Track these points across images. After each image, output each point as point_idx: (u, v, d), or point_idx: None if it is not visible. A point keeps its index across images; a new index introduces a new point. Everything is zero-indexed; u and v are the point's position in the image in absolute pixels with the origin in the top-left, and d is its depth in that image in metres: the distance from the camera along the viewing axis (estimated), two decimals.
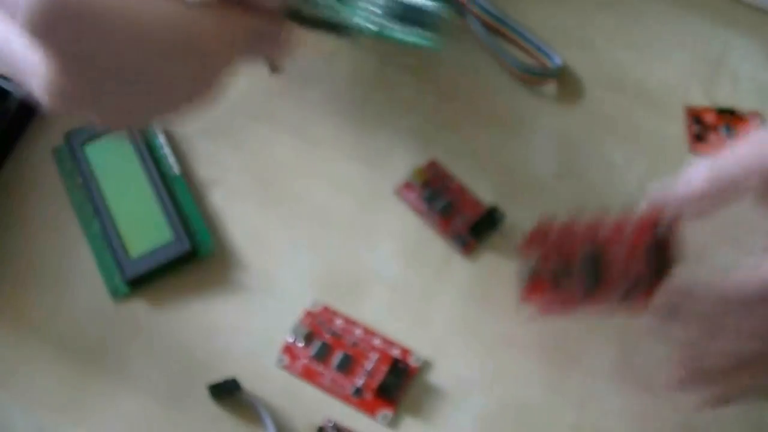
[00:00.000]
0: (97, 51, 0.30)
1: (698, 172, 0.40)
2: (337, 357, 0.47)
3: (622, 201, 0.50)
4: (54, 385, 0.46)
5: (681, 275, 0.41)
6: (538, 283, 0.45)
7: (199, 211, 0.50)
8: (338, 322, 0.47)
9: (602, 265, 0.42)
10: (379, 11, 0.33)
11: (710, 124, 0.53)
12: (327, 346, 0.47)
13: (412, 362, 0.47)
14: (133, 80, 0.32)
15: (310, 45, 0.48)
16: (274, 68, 0.45)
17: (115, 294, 0.48)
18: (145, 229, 0.49)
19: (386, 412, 0.45)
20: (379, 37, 0.34)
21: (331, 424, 0.45)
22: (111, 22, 0.29)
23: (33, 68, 0.31)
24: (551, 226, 0.44)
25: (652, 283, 0.42)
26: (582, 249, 0.43)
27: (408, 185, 0.51)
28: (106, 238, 0.49)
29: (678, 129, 0.53)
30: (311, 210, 0.51)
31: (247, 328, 0.48)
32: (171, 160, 0.51)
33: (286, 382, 0.46)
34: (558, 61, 0.54)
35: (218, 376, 0.46)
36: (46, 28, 0.29)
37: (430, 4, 0.32)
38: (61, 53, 0.30)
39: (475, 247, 0.49)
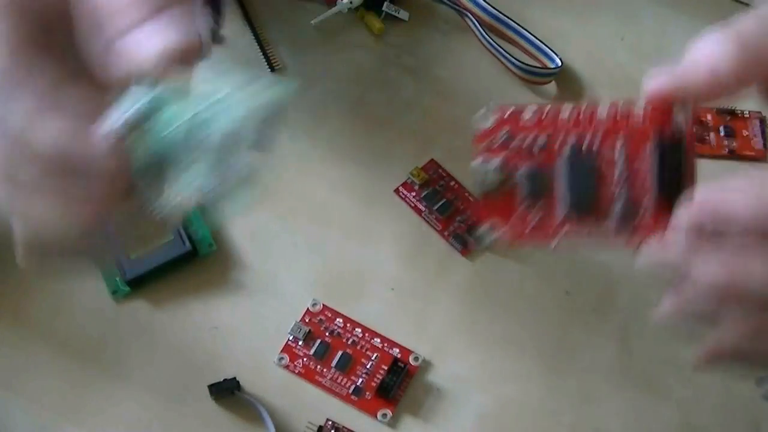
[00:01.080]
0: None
1: (717, 43, 0.33)
2: (336, 356, 0.47)
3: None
4: (54, 385, 0.46)
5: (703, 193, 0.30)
6: (501, 196, 0.33)
7: (199, 211, 0.50)
8: (338, 322, 0.47)
9: (592, 174, 0.32)
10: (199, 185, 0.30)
11: (710, 125, 0.53)
12: (327, 345, 0.47)
13: (412, 362, 0.47)
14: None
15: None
16: None
17: (115, 294, 0.48)
18: None
19: (386, 411, 0.46)
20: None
21: (330, 424, 0.45)
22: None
23: None
24: (520, 114, 0.32)
25: (661, 202, 0.31)
26: (563, 149, 0.32)
27: (407, 185, 0.51)
28: None
29: None
30: (311, 210, 0.51)
31: (247, 328, 0.48)
32: None
33: (286, 381, 0.46)
34: (558, 61, 0.54)
35: (218, 375, 0.46)
36: None
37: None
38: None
39: (474, 247, 0.49)
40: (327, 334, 0.47)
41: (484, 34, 0.54)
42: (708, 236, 0.30)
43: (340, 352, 0.47)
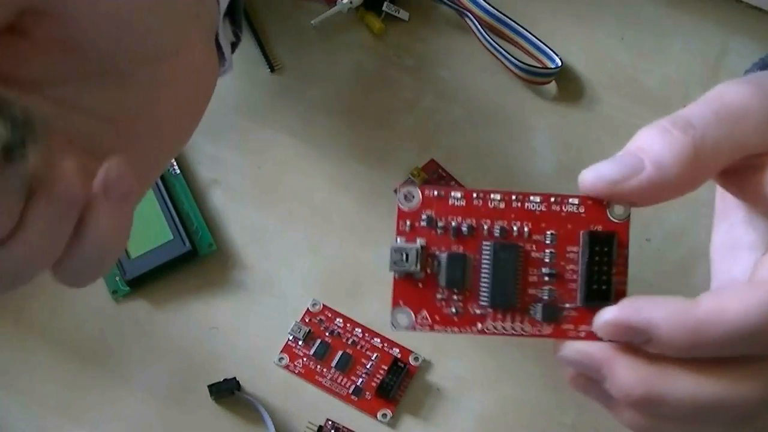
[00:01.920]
0: None
1: (665, 135, 0.29)
2: (336, 356, 0.47)
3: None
4: (54, 384, 0.46)
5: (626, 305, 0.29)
6: (420, 281, 0.31)
7: (199, 211, 0.50)
8: (338, 322, 0.47)
9: (516, 269, 0.31)
10: None
11: None
12: (327, 345, 0.47)
13: (412, 362, 0.47)
14: None
15: None
16: None
17: (115, 294, 0.48)
18: (146, 229, 0.49)
19: (386, 411, 0.46)
20: None
21: (330, 424, 0.45)
22: None
23: None
24: (446, 196, 0.31)
25: (586, 307, 0.30)
26: (489, 239, 0.30)
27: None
28: None
29: None
30: (311, 210, 0.51)
31: (247, 328, 0.48)
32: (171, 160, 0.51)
33: (286, 381, 0.46)
34: (558, 61, 0.54)
35: (218, 375, 0.46)
36: None
37: None
38: None
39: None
40: (327, 334, 0.47)
41: (484, 34, 0.54)
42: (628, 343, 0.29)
43: (340, 352, 0.47)
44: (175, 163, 0.51)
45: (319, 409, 0.46)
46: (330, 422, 0.45)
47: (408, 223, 0.31)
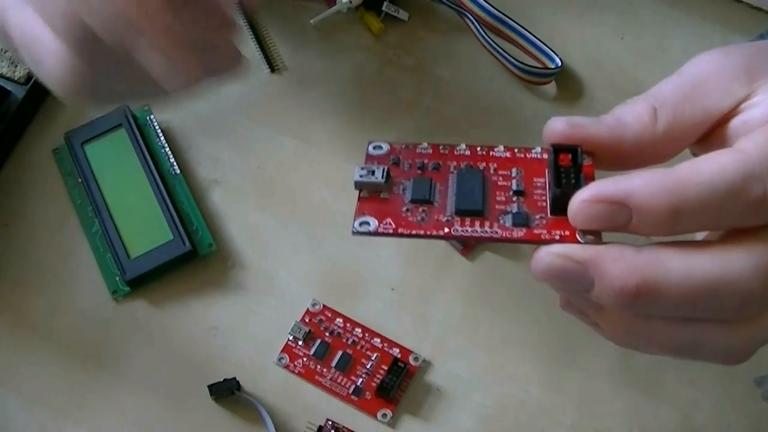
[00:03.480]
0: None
1: (630, 104, 0.31)
2: (336, 356, 0.47)
3: None
4: (54, 384, 0.46)
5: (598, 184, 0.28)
6: (385, 199, 0.31)
7: (199, 211, 0.50)
8: (338, 322, 0.47)
9: (484, 185, 0.30)
10: None
11: None
12: (327, 345, 0.47)
13: (412, 362, 0.47)
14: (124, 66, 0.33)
15: None
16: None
17: (115, 294, 0.48)
18: (145, 229, 0.49)
19: (386, 411, 0.46)
20: None
21: (330, 424, 0.45)
22: None
23: (52, 56, 0.33)
24: (414, 148, 0.31)
25: (555, 210, 0.29)
26: (456, 169, 0.31)
27: None
28: (106, 238, 0.49)
29: None
30: (311, 210, 0.51)
31: (247, 328, 0.48)
32: (171, 160, 0.51)
33: (286, 381, 0.46)
34: (558, 61, 0.54)
35: (218, 375, 0.46)
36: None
37: None
38: (84, 50, 0.33)
39: (474, 247, 0.49)
40: (327, 334, 0.47)
41: (484, 34, 0.54)
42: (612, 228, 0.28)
43: (340, 352, 0.47)
44: (175, 163, 0.51)
45: (319, 409, 0.46)
46: (330, 422, 0.45)
47: (375, 163, 0.31)
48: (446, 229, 0.29)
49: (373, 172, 0.30)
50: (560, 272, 0.28)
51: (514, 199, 0.30)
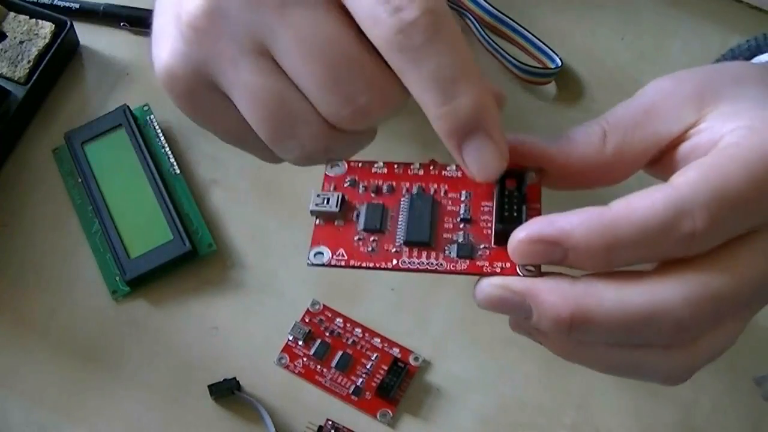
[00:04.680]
0: None
1: (584, 126, 0.32)
2: (336, 356, 0.47)
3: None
4: (54, 384, 0.46)
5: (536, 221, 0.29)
6: (339, 225, 0.33)
7: (199, 211, 0.50)
8: (338, 322, 0.47)
9: (433, 213, 0.32)
10: None
11: None
12: (327, 345, 0.47)
13: (412, 362, 0.47)
14: None
15: None
16: None
17: (115, 294, 0.48)
18: (145, 229, 0.49)
19: (386, 411, 0.45)
20: None
21: (330, 424, 0.45)
22: None
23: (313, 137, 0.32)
24: (370, 167, 0.33)
25: (498, 241, 0.31)
26: (408, 192, 0.32)
27: None
28: (106, 238, 0.49)
29: None
30: None
31: (247, 327, 0.48)
32: (171, 160, 0.51)
33: (286, 381, 0.46)
34: (558, 61, 0.54)
35: (218, 375, 0.46)
36: None
37: None
38: None
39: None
40: (327, 334, 0.47)
41: (484, 34, 0.54)
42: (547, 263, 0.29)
43: (340, 352, 0.47)
44: (175, 163, 0.51)
45: (319, 409, 0.46)
46: (330, 422, 0.45)
47: (333, 185, 0.33)
48: (395, 261, 0.31)
49: (327, 200, 0.32)
50: (500, 302, 0.30)
51: (461, 226, 0.31)
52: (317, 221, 0.32)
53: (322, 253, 0.33)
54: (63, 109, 0.53)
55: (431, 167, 0.33)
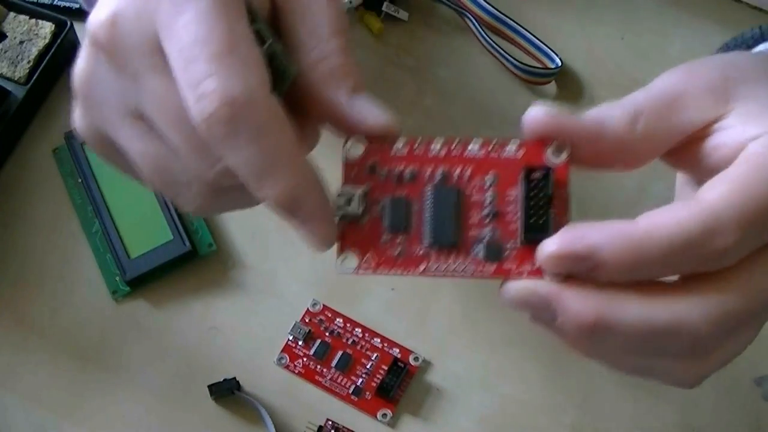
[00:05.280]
0: None
1: (610, 107, 0.31)
2: (336, 356, 0.47)
3: (621, 202, 0.50)
4: (54, 384, 0.46)
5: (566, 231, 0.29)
6: (363, 225, 0.32)
7: None
8: (338, 322, 0.47)
9: (457, 210, 0.31)
10: None
11: None
12: (327, 345, 0.47)
13: (412, 362, 0.47)
14: None
15: None
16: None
17: (115, 294, 0.48)
18: (146, 229, 0.49)
19: (386, 411, 0.46)
20: None
21: (330, 424, 0.45)
22: None
23: (193, 196, 0.32)
24: (390, 146, 0.32)
25: (527, 245, 0.31)
26: (430, 182, 0.31)
27: None
28: (106, 238, 0.49)
29: None
30: None
31: (247, 328, 0.48)
32: None
33: (286, 381, 0.46)
34: (558, 61, 0.54)
35: (218, 375, 0.46)
36: None
37: None
38: None
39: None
40: (327, 334, 0.47)
41: (484, 34, 0.54)
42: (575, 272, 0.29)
43: (340, 352, 0.47)
44: None
45: (319, 409, 0.46)
46: (330, 422, 0.45)
47: (353, 172, 0.32)
48: (422, 267, 0.31)
49: (350, 201, 0.31)
50: (526, 304, 0.30)
51: (487, 221, 0.31)
52: (341, 220, 0.31)
53: (351, 260, 0.32)
54: (63, 109, 0.53)
55: (452, 145, 0.32)
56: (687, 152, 0.32)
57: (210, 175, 0.30)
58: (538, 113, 0.30)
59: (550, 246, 0.29)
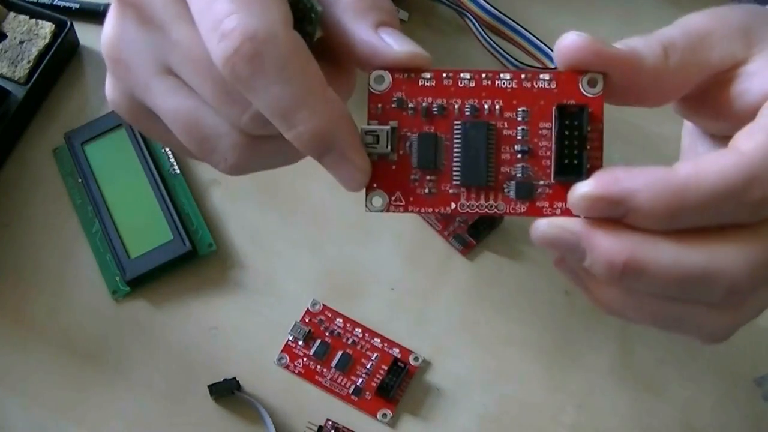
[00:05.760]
0: None
1: (643, 39, 0.31)
2: (336, 356, 0.47)
3: None
4: (54, 384, 0.46)
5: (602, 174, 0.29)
6: (392, 163, 0.31)
7: (199, 211, 0.50)
8: (338, 322, 0.47)
9: (488, 146, 0.30)
10: None
11: None
12: (327, 345, 0.47)
13: (412, 362, 0.47)
14: None
15: None
16: None
17: (115, 294, 0.48)
18: (145, 229, 0.49)
19: (386, 411, 0.46)
20: None
21: (330, 424, 0.45)
22: None
23: (230, 148, 0.32)
24: (416, 78, 0.31)
25: (560, 181, 0.30)
26: (460, 117, 0.30)
27: None
28: (106, 238, 0.49)
29: (678, 129, 0.53)
30: (311, 210, 0.51)
31: (247, 328, 0.48)
32: (171, 160, 0.51)
33: (286, 381, 0.46)
34: None
35: (218, 375, 0.46)
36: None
37: None
38: None
39: (474, 247, 0.49)
40: (327, 334, 0.47)
41: (484, 34, 0.54)
42: (608, 214, 0.28)
43: (340, 352, 0.47)
44: (175, 163, 0.51)
45: (319, 409, 0.46)
46: (330, 422, 0.45)
47: (379, 106, 0.31)
48: (453, 205, 0.31)
49: (378, 139, 0.31)
50: (556, 241, 0.29)
51: (519, 157, 0.30)
52: (370, 157, 0.31)
53: (380, 198, 0.31)
54: (63, 109, 0.53)
55: (483, 76, 0.30)
56: (709, 97, 0.31)
57: (242, 122, 0.30)
58: (574, 39, 0.29)
59: (583, 188, 0.29)
